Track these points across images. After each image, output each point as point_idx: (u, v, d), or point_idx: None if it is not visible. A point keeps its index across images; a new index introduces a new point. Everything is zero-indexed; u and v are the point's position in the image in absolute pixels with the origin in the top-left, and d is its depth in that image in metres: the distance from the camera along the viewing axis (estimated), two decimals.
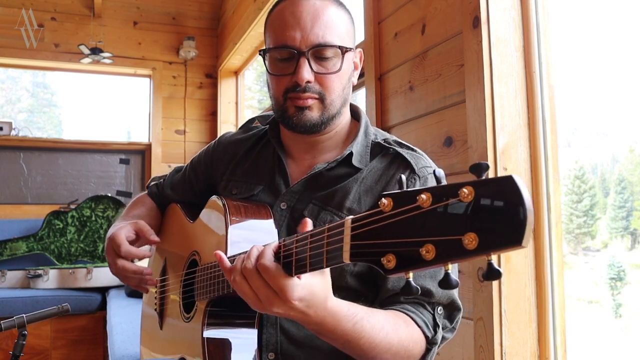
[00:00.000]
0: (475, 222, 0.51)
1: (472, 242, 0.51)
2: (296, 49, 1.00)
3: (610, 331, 3.89)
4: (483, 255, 0.52)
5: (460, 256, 0.53)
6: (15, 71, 6.55)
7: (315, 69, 1.01)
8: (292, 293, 0.76)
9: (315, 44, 1.00)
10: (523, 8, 1.49)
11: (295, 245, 0.76)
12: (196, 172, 1.33)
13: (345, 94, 1.07)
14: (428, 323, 0.97)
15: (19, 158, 4.15)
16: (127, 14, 4.37)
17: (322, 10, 1.02)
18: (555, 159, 1.44)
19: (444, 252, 0.54)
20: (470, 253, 0.52)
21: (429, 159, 1.09)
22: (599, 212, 4.65)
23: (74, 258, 3.78)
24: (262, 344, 1.03)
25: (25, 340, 1.51)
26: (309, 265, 0.74)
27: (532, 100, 1.46)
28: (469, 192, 0.52)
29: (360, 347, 0.88)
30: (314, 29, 1.00)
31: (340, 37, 1.03)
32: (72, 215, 3.84)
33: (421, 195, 0.56)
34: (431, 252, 0.55)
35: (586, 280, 4.27)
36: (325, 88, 1.03)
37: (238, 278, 0.80)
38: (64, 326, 3.18)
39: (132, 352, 1.98)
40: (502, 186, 0.50)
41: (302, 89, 1.01)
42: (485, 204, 0.51)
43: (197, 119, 4.50)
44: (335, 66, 1.02)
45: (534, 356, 1.41)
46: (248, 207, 1.08)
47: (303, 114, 1.03)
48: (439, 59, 1.67)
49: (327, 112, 1.04)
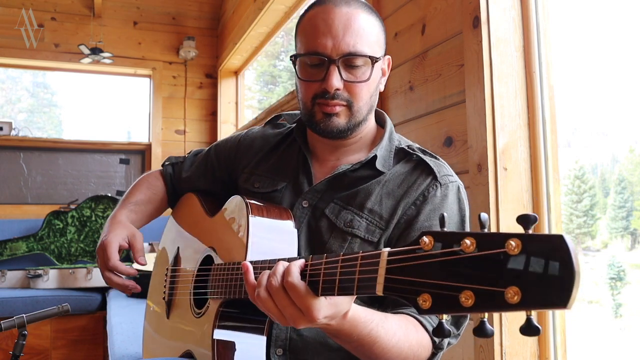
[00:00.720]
0: (520, 277, 0.51)
1: (514, 296, 0.51)
2: (327, 56, 1.01)
3: (610, 331, 3.90)
4: (523, 310, 0.52)
5: (499, 308, 0.52)
6: (15, 71, 6.55)
7: (344, 77, 1.02)
8: (319, 313, 0.76)
9: (346, 53, 1.01)
10: (523, 8, 1.49)
11: (324, 266, 0.76)
12: (219, 159, 1.34)
13: (372, 101, 1.09)
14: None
15: (19, 158, 4.15)
16: (127, 14, 4.37)
17: (354, 18, 1.02)
18: (555, 159, 1.45)
19: (483, 302, 0.54)
20: (511, 307, 0.51)
21: (450, 169, 1.11)
22: (599, 212, 4.65)
23: (74, 258, 3.78)
24: (271, 339, 1.04)
25: (25, 340, 1.51)
26: (338, 289, 0.73)
27: (532, 100, 1.46)
28: (516, 245, 0.51)
29: (372, 351, 0.89)
30: (345, 38, 1.01)
31: (371, 45, 1.04)
32: (72, 215, 3.84)
33: (465, 240, 0.55)
34: (470, 300, 0.54)
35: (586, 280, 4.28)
36: (354, 96, 1.04)
37: (263, 295, 0.79)
38: (64, 326, 3.18)
39: (132, 352, 1.98)
40: (552, 244, 0.50)
41: (331, 96, 1.02)
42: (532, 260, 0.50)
43: (197, 119, 4.50)
44: (364, 75, 1.04)
45: (534, 356, 1.41)
46: (270, 208, 1.08)
47: (330, 120, 1.05)
48: (439, 59, 1.67)
49: (354, 119, 1.06)
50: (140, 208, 1.34)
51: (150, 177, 1.41)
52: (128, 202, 1.33)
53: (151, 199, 1.37)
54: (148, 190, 1.37)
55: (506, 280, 0.52)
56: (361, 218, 1.04)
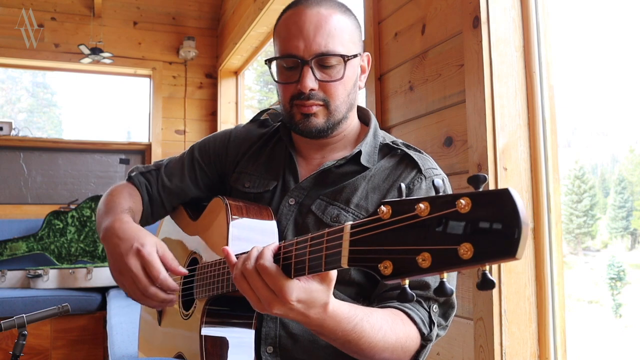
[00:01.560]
0: (471, 233, 0.53)
1: (467, 252, 0.53)
2: (300, 57, 1.03)
3: (610, 331, 3.90)
4: (478, 265, 0.53)
5: (455, 265, 0.54)
6: (15, 71, 6.55)
7: (319, 77, 1.04)
8: (291, 294, 0.78)
9: (318, 53, 1.02)
10: (523, 8, 1.49)
11: (295, 247, 0.78)
12: (208, 159, 1.28)
13: (351, 99, 1.10)
14: (424, 320, 0.99)
15: (19, 158, 4.15)
16: (127, 14, 4.37)
17: (326, 19, 1.03)
18: (555, 159, 1.45)
19: (439, 261, 0.55)
20: (465, 263, 0.53)
21: (434, 162, 1.12)
22: (599, 212, 4.65)
23: (74, 258, 3.78)
24: (261, 337, 1.05)
25: (25, 340, 1.51)
26: (308, 268, 0.75)
27: (532, 100, 1.46)
28: (466, 204, 0.53)
29: (359, 346, 0.90)
30: (316, 38, 1.02)
31: (344, 44, 1.04)
32: (72, 215, 3.84)
33: (419, 205, 0.57)
34: (427, 261, 0.56)
35: (586, 280, 4.27)
36: (329, 95, 1.05)
37: (238, 277, 0.82)
38: (64, 326, 3.18)
39: (132, 352, 1.98)
40: (499, 198, 0.52)
41: (307, 97, 1.04)
42: (481, 216, 0.52)
43: (197, 119, 4.50)
44: (338, 74, 1.05)
45: (534, 356, 1.41)
46: (250, 207, 1.09)
47: (309, 120, 1.06)
48: (439, 59, 1.67)
49: (333, 117, 1.07)
50: (135, 216, 1.18)
51: (124, 187, 1.25)
52: (118, 211, 1.14)
53: (134, 205, 1.21)
54: (131, 199, 1.21)
55: (459, 237, 0.53)
56: (347, 213, 1.05)
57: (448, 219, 0.55)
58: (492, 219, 0.51)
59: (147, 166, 1.33)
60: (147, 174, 1.30)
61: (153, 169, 1.31)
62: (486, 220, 0.52)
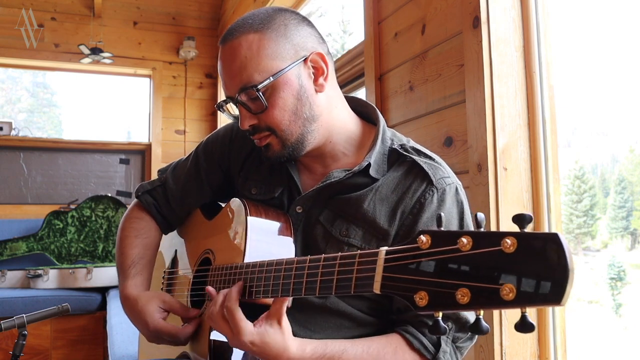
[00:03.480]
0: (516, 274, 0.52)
1: (509, 293, 0.52)
2: (230, 98, 1.03)
3: (610, 331, 3.90)
4: (518, 307, 0.52)
5: (495, 305, 0.54)
6: (15, 71, 6.55)
7: (253, 110, 1.00)
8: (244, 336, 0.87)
9: (239, 89, 0.99)
10: (523, 8, 1.49)
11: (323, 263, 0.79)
12: (212, 161, 1.25)
13: (304, 113, 1.01)
14: (427, 345, 0.95)
15: (19, 158, 4.15)
16: (127, 14, 4.37)
17: (235, 51, 0.99)
18: (555, 159, 1.44)
19: (479, 299, 0.55)
20: (507, 304, 0.52)
21: (447, 168, 1.06)
22: (599, 212, 4.66)
23: (74, 258, 3.78)
24: None
25: (25, 340, 1.51)
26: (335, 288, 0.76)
27: (532, 100, 1.46)
28: (512, 244, 0.53)
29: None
30: (231, 77, 1.00)
31: (261, 69, 0.97)
32: (72, 215, 3.84)
33: (462, 239, 0.56)
34: (466, 297, 0.55)
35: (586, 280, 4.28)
36: (270, 123, 1.01)
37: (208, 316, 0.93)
38: (64, 326, 3.18)
39: (132, 352, 1.98)
40: (547, 242, 0.51)
41: (251, 132, 1.03)
42: (527, 258, 0.52)
43: (197, 119, 4.50)
44: (262, 105, 0.99)
45: (534, 356, 1.41)
46: (268, 212, 1.07)
47: (267, 150, 1.04)
48: (439, 59, 1.67)
49: (287, 141, 1.02)
50: (141, 265, 1.22)
51: (132, 221, 1.27)
52: (126, 267, 1.20)
53: (146, 246, 1.25)
54: (137, 240, 1.24)
55: (502, 277, 0.53)
56: (357, 227, 1.01)
57: (491, 258, 0.54)
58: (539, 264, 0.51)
59: (152, 182, 1.31)
60: (154, 192, 1.29)
61: (158, 185, 1.29)
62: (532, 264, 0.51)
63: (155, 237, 1.28)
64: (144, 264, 1.22)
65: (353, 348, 0.92)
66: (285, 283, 0.84)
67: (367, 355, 0.92)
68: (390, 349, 0.94)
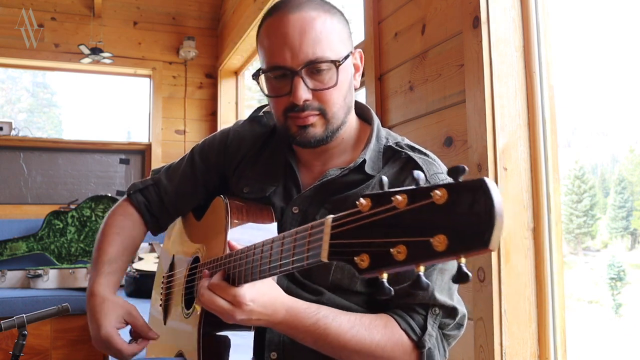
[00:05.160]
0: (446, 224, 0.52)
1: (441, 244, 0.52)
2: (288, 68, 0.97)
3: (610, 331, 3.90)
4: (452, 257, 0.52)
5: (429, 258, 0.53)
6: (15, 71, 6.55)
7: (311, 86, 0.98)
8: (244, 297, 0.87)
9: (307, 62, 0.96)
10: (523, 8, 1.49)
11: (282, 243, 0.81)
12: (208, 162, 1.25)
13: (348, 102, 1.05)
14: (414, 326, 0.97)
15: (19, 158, 4.15)
16: (127, 14, 4.37)
17: (310, 23, 0.97)
18: (555, 159, 1.45)
19: (414, 254, 0.54)
20: (439, 255, 0.52)
21: (441, 164, 1.07)
22: (599, 212, 4.65)
23: (74, 258, 3.78)
24: (265, 343, 1.04)
25: (25, 340, 1.51)
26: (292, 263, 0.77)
27: (532, 100, 1.46)
28: (442, 195, 0.52)
29: (330, 344, 0.93)
30: (302, 47, 0.96)
31: (333, 48, 0.98)
32: (72, 215, 3.84)
33: (397, 197, 0.56)
34: (402, 253, 0.55)
35: (586, 280, 4.27)
36: (325, 103, 1.00)
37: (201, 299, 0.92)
38: (64, 326, 3.18)
39: None
40: (474, 189, 0.51)
41: (301, 108, 0.99)
42: (456, 207, 0.51)
43: (197, 119, 4.50)
44: (331, 80, 0.99)
45: (534, 356, 1.41)
46: (250, 208, 1.08)
47: (306, 131, 1.01)
48: (439, 59, 1.67)
49: (331, 125, 1.02)
50: (117, 265, 1.19)
51: (117, 218, 1.24)
52: (101, 262, 1.17)
53: (125, 247, 1.22)
54: (118, 238, 1.21)
55: (433, 229, 0.52)
56: None
57: (424, 211, 0.54)
58: (467, 210, 0.50)
59: (144, 181, 1.29)
60: (145, 191, 1.26)
61: (151, 184, 1.27)
62: (461, 211, 0.51)
63: (136, 237, 1.26)
64: (118, 266, 1.19)
65: (346, 315, 0.96)
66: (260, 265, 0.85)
67: (359, 322, 0.95)
68: (381, 322, 0.96)
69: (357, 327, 0.94)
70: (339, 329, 0.93)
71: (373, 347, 0.94)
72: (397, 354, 0.96)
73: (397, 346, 0.96)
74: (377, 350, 0.94)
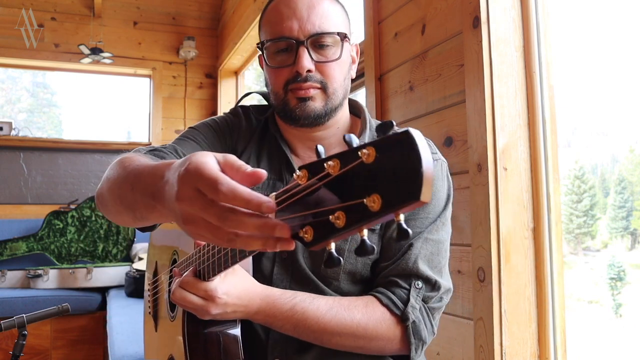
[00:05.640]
0: (377, 183, 0.49)
1: (375, 203, 0.49)
2: (294, 38, 0.99)
3: (610, 331, 3.90)
4: (389, 215, 0.49)
5: (367, 219, 0.50)
6: (15, 71, 6.55)
7: (315, 58, 1.00)
8: (216, 291, 0.88)
9: (313, 33, 0.99)
10: (523, 8, 1.49)
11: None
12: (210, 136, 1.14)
13: (346, 85, 1.06)
14: (395, 300, 0.97)
15: (19, 158, 4.15)
16: (127, 14, 4.37)
17: (317, 1, 1.01)
18: (555, 159, 1.45)
19: (352, 218, 0.51)
20: (376, 215, 0.49)
21: (434, 147, 1.09)
22: (599, 212, 4.66)
23: (74, 258, 3.78)
24: (267, 348, 1.03)
25: (25, 340, 1.51)
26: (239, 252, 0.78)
27: (532, 100, 1.46)
28: (370, 153, 0.49)
29: (310, 328, 0.93)
30: (310, 18, 0.99)
31: (337, 26, 1.02)
32: (72, 215, 3.84)
33: (329, 162, 0.53)
34: (342, 219, 0.52)
35: (586, 280, 4.28)
36: (327, 76, 1.01)
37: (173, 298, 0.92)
38: (64, 326, 3.18)
39: (132, 352, 1.98)
40: (399, 142, 0.48)
41: (304, 79, 0.99)
42: (385, 163, 0.49)
43: (197, 119, 4.50)
44: (335, 54, 1.01)
45: (534, 356, 1.41)
46: None
47: (306, 104, 1.01)
48: (439, 59, 1.67)
49: (331, 102, 1.02)
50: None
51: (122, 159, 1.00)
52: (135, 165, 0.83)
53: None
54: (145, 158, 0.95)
55: (366, 189, 0.50)
56: None
57: (355, 172, 0.51)
58: (395, 164, 0.48)
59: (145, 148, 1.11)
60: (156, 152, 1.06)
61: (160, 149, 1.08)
62: (389, 167, 0.48)
63: None
64: None
65: (324, 298, 0.96)
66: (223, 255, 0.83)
67: (337, 304, 0.95)
68: (361, 302, 0.97)
69: (335, 308, 0.94)
70: (317, 311, 0.93)
71: (354, 327, 0.94)
72: (380, 332, 0.96)
73: (379, 324, 0.96)
74: (358, 330, 0.94)
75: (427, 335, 0.99)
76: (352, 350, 0.97)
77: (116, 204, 0.85)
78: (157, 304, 1.30)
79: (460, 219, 1.52)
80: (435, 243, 1.01)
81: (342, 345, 0.96)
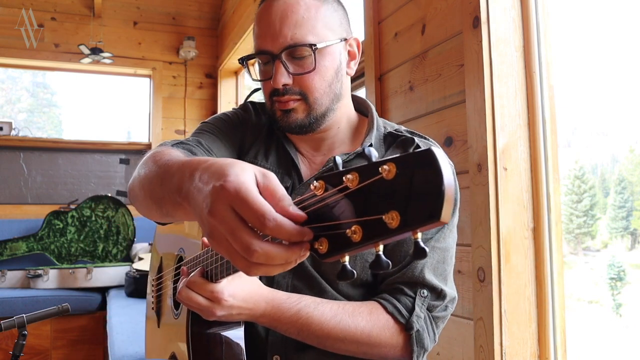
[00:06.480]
0: (397, 200, 0.49)
1: (393, 220, 0.49)
2: (269, 52, 1.00)
3: (610, 331, 3.90)
4: (407, 233, 0.49)
5: (385, 236, 0.50)
6: (15, 71, 6.55)
7: (292, 70, 0.99)
8: (222, 293, 0.88)
9: (285, 46, 0.98)
10: (523, 8, 1.49)
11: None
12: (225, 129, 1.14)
13: (335, 89, 1.04)
14: (400, 308, 0.97)
15: (19, 158, 4.15)
16: (127, 14, 4.37)
17: (292, 8, 0.99)
18: (555, 159, 1.45)
19: (370, 233, 0.51)
20: (393, 232, 0.49)
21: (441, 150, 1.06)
22: (599, 212, 4.66)
23: (74, 258, 3.78)
24: (267, 346, 1.03)
25: (25, 340, 1.51)
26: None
27: (532, 100, 1.46)
28: (390, 169, 0.49)
29: (313, 333, 0.94)
30: (283, 30, 0.98)
31: (316, 33, 0.99)
32: (72, 215, 3.84)
33: (348, 176, 0.53)
34: (358, 234, 0.52)
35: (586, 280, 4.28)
36: (306, 88, 1.01)
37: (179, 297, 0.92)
38: (64, 326, 3.18)
39: (132, 352, 1.98)
40: (422, 160, 0.48)
41: (282, 93, 1.01)
42: (405, 180, 0.48)
43: (197, 119, 4.50)
44: (311, 65, 0.99)
45: (534, 356, 1.41)
46: None
47: (288, 116, 1.02)
48: (439, 59, 1.67)
49: (314, 111, 1.02)
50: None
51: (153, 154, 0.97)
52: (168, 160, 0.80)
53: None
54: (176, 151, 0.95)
55: (385, 206, 0.50)
56: None
57: (375, 188, 0.51)
58: (416, 182, 0.48)
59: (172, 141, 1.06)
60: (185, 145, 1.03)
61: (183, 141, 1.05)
62: (410, 184, 0.48)
63: None
64: None
65: (329, 303, 0.96)
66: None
67: (342, 310, 0.95)
68: (365, 309, 0.97)
69: (340, 314, 0.94)
70: (322, 317, 0.94)
71: (358, 334, 0.94)
72: (383, 339, 0.96)
73: (383, 331, 0.96)
74: (362, 337, 0.95)
75: (429, 343, 0.99)
76: (354, 355, 0.98)
77: (146, 198, 0.85)
78: (160, 300, 1.30)
79: (460, 219, 1.52)
80: (442, 251, 1.01)
81: (345, 350, 0.97)
